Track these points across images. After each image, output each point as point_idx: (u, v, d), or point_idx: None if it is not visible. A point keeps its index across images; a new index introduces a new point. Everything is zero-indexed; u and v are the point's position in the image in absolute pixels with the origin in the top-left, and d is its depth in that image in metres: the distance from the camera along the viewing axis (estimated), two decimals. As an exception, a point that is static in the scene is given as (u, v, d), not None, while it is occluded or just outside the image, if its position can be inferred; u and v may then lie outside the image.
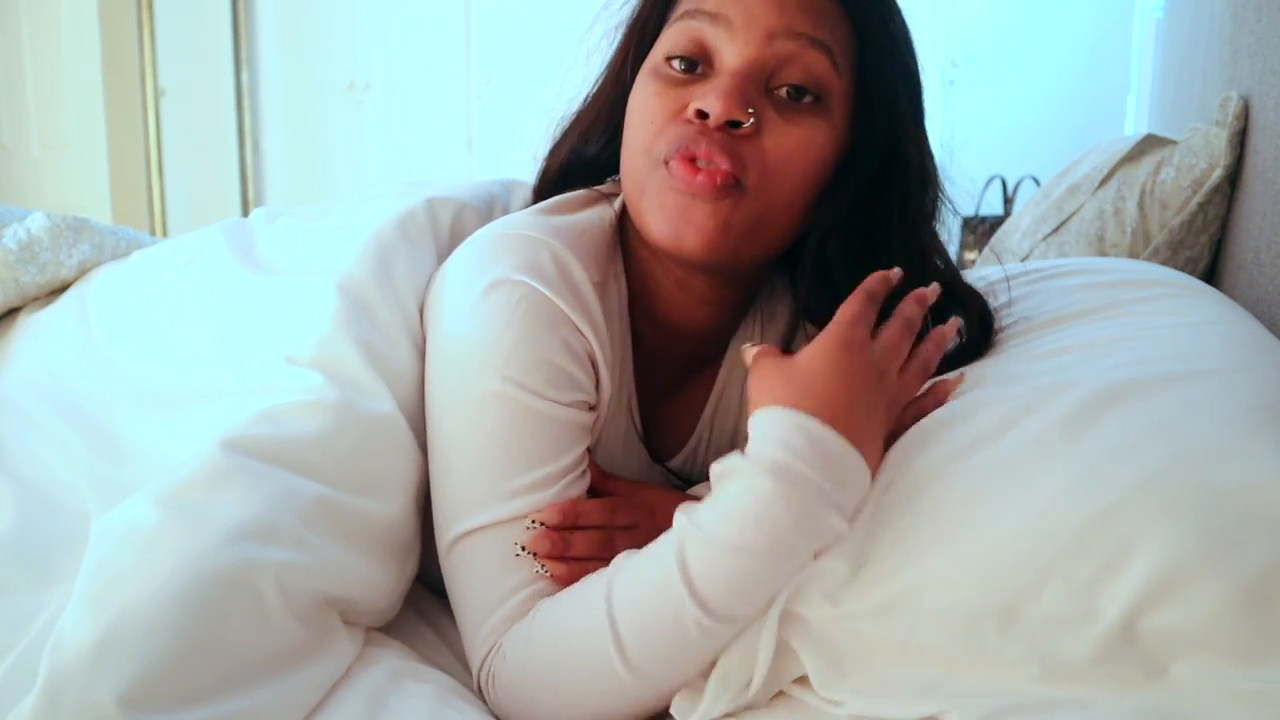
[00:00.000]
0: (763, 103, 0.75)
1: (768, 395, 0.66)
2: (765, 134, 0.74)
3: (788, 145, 0.75)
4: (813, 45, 0.74)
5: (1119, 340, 0.76)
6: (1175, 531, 0.58)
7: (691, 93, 0.75)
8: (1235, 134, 1.21)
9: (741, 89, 0.73)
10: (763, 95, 0.75)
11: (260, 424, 0.72)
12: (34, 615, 0.68)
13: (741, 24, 0.74)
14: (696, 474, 0.92)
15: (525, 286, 0.75)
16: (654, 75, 0.78)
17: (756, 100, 0.74)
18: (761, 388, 0.67)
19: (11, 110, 3.67)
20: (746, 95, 0.73)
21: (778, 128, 0.75)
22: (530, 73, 3.53)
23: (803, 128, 0.75)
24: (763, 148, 0.74)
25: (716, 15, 0.75)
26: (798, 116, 0.75)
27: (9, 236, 1.00)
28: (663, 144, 0.75)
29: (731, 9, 0.75)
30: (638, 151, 0.77)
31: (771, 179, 0.75)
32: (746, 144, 0.74)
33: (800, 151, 0.75)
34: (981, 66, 3.24)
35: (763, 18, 0.74)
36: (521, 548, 0.73)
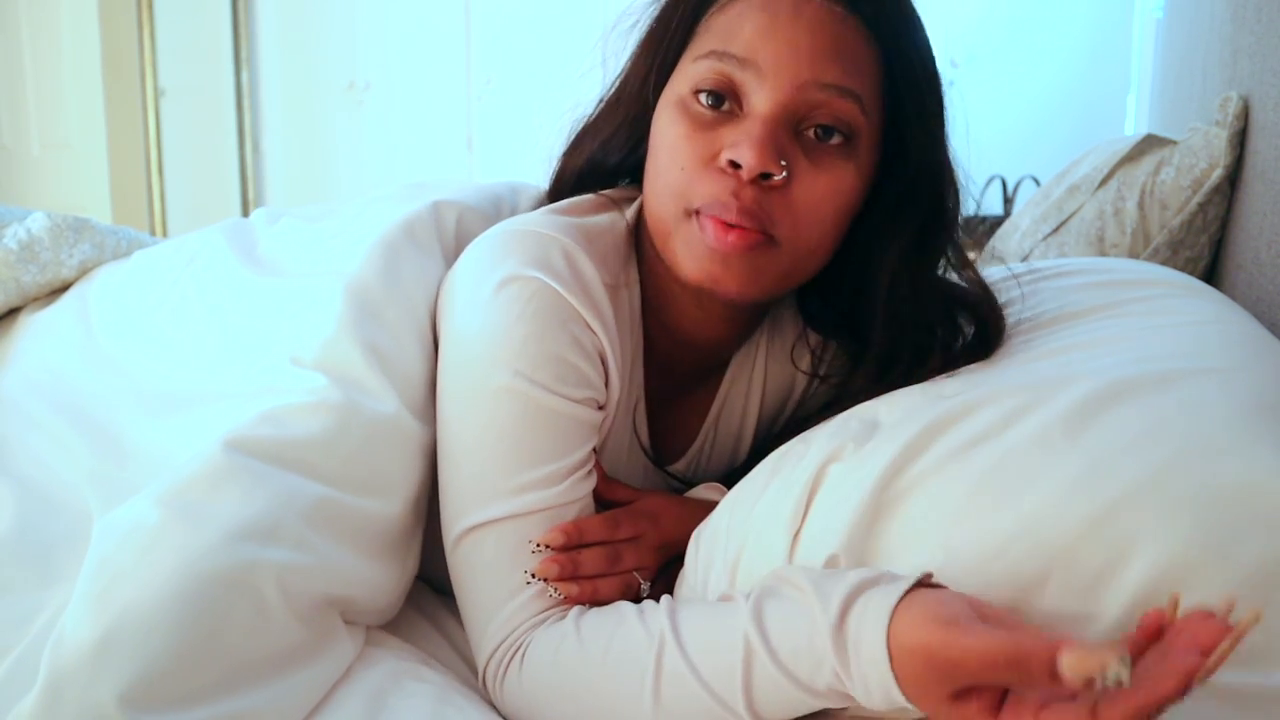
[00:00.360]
0: (793, 148, 0.74)
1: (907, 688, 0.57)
2: (795, 183, 0.74)
3: (817, 193, 0.74)
4: (842, 95, 0.73)
5: (1119, 339, 0.76)
6: (1175, 530, 0.58)
7: (721, 137, 0.74)
8: (1235, 134, 1.21)
9: (774, 138, 0.72)
10: (792, 138, 0.74)
11: (263, 425, 0.72)
12: (35, 614, 0.68)
13: (771, 70, 0.73)
14: (699, 477, 0.92)
15: (537, 282, 0.75)
16: (682, 111, 0.76)
17: (787, 146, 0.73)
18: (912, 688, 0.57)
19: (11, 110, 3.68)
20: (779, 145, 0.72)
21: (807, 175, 0.74)
22: (530, 73, 3.53)
23: (831, 174, 0.74)
24: (792, 198, 0.74)
25: (745, 61, 0.73)
26: (826, 161, 0.74)
27: (9, 236, 1.00)
28: (695, 196, 0.74)
29: (761, 55, 0.73)
30: (666, 194, 0.76)
31: (801, 229, 0.75)
32: (777, 195, 0.73)
33: (829, 199, 0.75)
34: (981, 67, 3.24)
35: (791, 66, 0.72)
36: (531, 575, 0.73)
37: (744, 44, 0.73)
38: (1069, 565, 0.60)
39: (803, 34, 0.72)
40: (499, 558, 0.74)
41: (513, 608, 0.73)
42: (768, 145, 0.72)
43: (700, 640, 0.65)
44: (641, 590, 0.77)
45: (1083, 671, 0.48)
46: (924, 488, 0.66)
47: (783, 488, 0.71)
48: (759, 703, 0.63)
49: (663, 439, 0.91)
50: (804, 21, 0.73)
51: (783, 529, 0.69)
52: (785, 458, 0.74)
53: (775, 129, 0.73)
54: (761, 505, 0.72)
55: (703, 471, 0.93)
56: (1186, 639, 0.49)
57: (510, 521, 0.74)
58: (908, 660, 0.56)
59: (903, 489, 0.66)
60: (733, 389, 0.91)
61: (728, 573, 0.71)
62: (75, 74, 3.59)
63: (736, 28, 0.74)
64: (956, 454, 0.66)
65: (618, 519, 0.78)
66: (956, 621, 0.54)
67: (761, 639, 0.62)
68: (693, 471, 0.93)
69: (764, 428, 0.93)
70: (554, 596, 0.74)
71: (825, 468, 0.70)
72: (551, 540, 0.74)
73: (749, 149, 0.71)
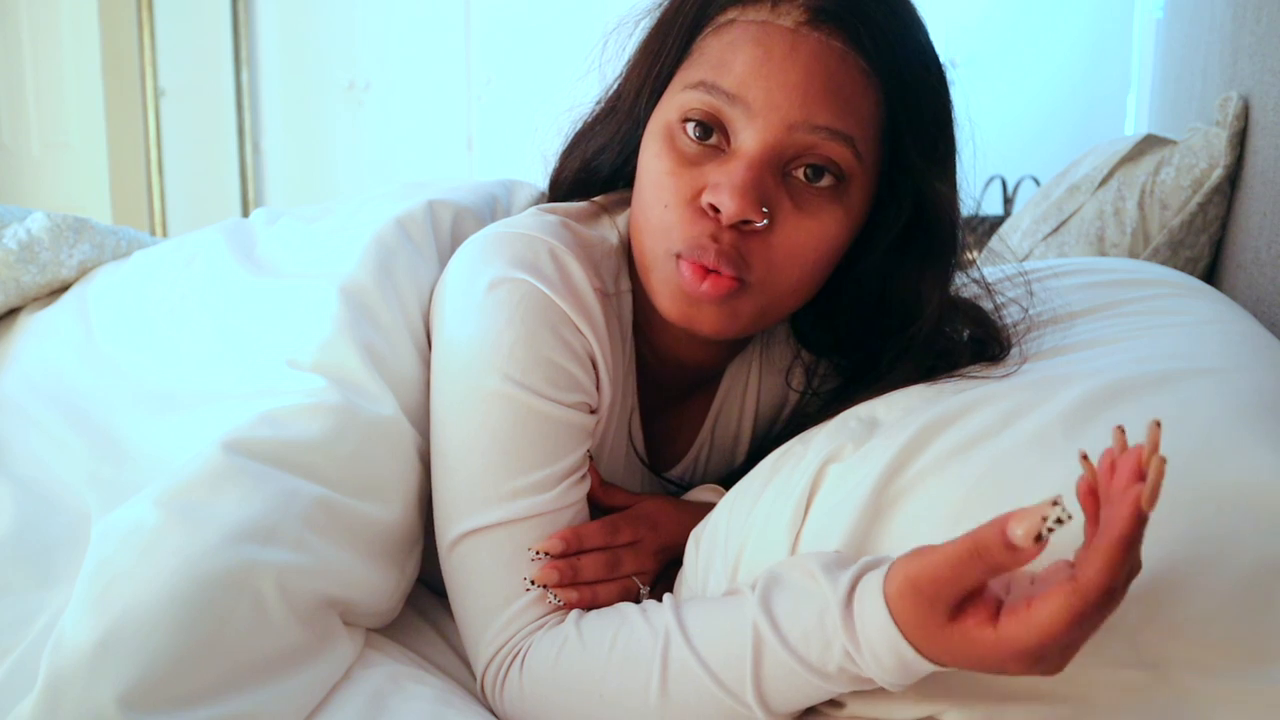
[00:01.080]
0: (779, 190, 0.71)
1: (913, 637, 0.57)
2: (777, 228, 0.72)
3: (798, 240, 0.72)
4: (834, 138, 0.70)
5: (1118, 339, 0.76)
6: (1174, 530, 0.58)
7: (705, 175, 0.72)
8: (1235, 134, 1.21)
9: (757, 184, 0.70)
10: (779, 181, 0.72)
11: (262, 426, 0.72)
12: (34, 616, 0.67)
13: (761, 109, 0.70)
14: (696, 483, 0.92)
15: (526, 285, 0.75)
16: (669, 142, 0.74)
17: (772, 189, 0.71)
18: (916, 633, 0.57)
19: (11, 110, 3.68)
20: (761, 190, 0.70)
21: (789, 221, 0.72)
22: (530, 73, 3.53)
23: (816, 219, 0.72)
24: (772, 243, 0.72)
25: (734, 97, 0.70)
26: (813, 205, 0.72)
27: (9, 236, 1.00)
28: (677, 237, 0.72)
29: (752, 92, 0.70)
30: (649, 232, 0.75)
31: (776, 274, 0.73)
32: (757, 240, 0.71)
33: (812, 244, 0.73)
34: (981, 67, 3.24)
35: (783, 106, 0.69)
36: (531, 582, 0.73)
37: (735, 79, 0.70)
38: (1069, 566, 0.59)
39: (796, 72, 0.69)
40: (494, 564, 0.73)
41: (510, 613, 0.73)
42: (749, 192, 0.69)
43: (707, 632, 0.65)
44: (641, 594, 0.77)
45: (1031, 530, 0.50)
46: (923, 487, 0.66)
47: (782, 488, 0.71)
48: (768, 691, 0.62)
49: (658, 445, 0.91)
50: (799, 58, 0.70)
51: (783, 529, 0.69)
52: (784, 458, 0.74)
53: (760, 172, 0.70)
54: (761, 505, 0.72)
55: (699, 476, 0.93)
56: (1122, 476, 0.51)
57: (504, 527, 0.73)
58: (900, 605, 0.56)
59: (902, 488, 0.66)
60: (728, 399, 0.91)
61: (728, 573, 0.71)
62: (75, 74, 3.59)
63: (729, 58, 0.71)
64: (956, 453, 0.66)
65: (616, 524, 0.78)
66: (925, 550, 0.56)
67: (771, 625, 0.62)
68: (690, 477, 0.93)
69: (760, 433, 0.93)
70: (553, 602, 0.74)
71: (825, 468, 0.70)
72: (550, 547, 0.74)
73: (730, 194, 0.69)
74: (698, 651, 0.64)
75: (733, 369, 0.90)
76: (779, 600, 0.63)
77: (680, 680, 0.65)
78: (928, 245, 0.77)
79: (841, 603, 0.59)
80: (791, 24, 0.70)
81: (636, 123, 0.79)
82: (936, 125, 0.75)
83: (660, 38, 0.77)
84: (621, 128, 0.81)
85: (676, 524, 0.81)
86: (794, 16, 0.70)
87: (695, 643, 0.65)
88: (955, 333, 0.79)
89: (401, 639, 0.80)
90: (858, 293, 0.80)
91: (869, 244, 0.78)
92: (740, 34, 0.72)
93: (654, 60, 0.77)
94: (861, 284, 0.80)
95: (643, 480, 0.90)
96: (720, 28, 0.73)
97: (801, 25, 0.70)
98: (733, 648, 0.63)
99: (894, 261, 0.78)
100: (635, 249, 0.78)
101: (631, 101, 0.79)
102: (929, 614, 0.55)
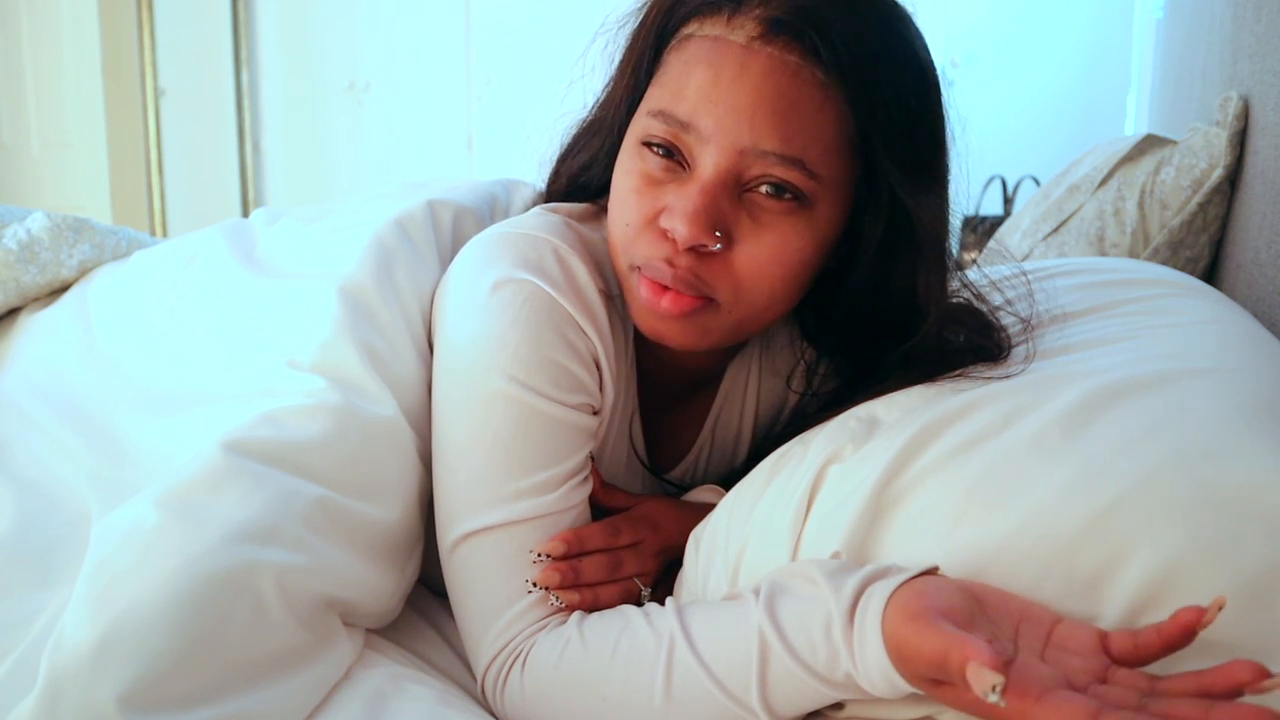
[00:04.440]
0: (736, 210, 0.71)
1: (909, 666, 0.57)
2: (738, 247, 0.71)
3: (761, 256, 0.71)
4: (781, 163, 0.69)
5: (1118, 339, 0.76)
6: (1173, 531, 0.58)
7: (665, 194, 0.72)
8: (1235, 134, 1.21)
9: (708, 209, 0.69)
10: (735, 200, 0.71)
11: (262, 426, 0.72)
12: (34, 616, 0.67)
13: (712, 134, 0.70)
14: (695, 484, 0.92)
15: (530, 285, 0.75)
16: (634, 160, 0.74)
17: (727, 211, 0.71)
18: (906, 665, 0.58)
19: (11, 110, 3.68)
20: (714, 215, 0.70)
21: (750, 237, 0.71)
22: (530, 73, 3.53)
23: (777, 233, 0.71)
24: (733, 263, 0.71)
25: (687, 125, 0.70)
26: (774, 219, 0.71)
27: (9, 236, 1.00)
28: (636, 254, 0.73)
29: (702, 120, 0.70)
30: (615, 243, 0.76)
31: (744, 292, 0.73)
32: (716, 261, 0.71)
33: (776, 259, 0.72)
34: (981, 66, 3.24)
35: (732, 131, 0.69)
36: (533, 584, 0.73)
37: (687, 107, 0.70)
38: (1067, 565, 0.60)
39: (744, 94, 0.68)
40: (495, 565, 0.73)
41: (511, 615, 0.73)
42: (700, 217, 0.69)
43: (711, 638, 0.65)
44: (643, 596, 0.77)
45: (976, 687, 0.49)
46: (923, 487, 0.65)
47: (783, 489, 0.71)
48: (773, 697, 0.63)
49: (658, 446, 0.91)
50: (749, 79, 0.68)
51: (784, 530, 0.69)
52: (785, 458, 0.74)
53: (713, 196, 0.70)
54: (762, 506, 0.72)
55: (699, 478, 0.93)
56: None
57: (506, 529, 0.73)
58: (893, 647, 0.57)
59: (902, 489, 0.66)
60: (728, 401, 0.91)
61: (728, 574, 0.71)
62: (75, 74, 3.59)
63: (684, 83, 0.71)
64: (955, 454, 0.66)
65: (618, 526, 0.78)
66: (923, 616, 0.56)
67: (776, 633, 0.62)
68: (689, 478, 0.93)
69: (760, 434, 0.93)
70: (555, 604, 0.74)
71: (826, 469, 0.70)
72: (552, 550, 0.74)
73: (682, 219, 0.69)
74: (702, 657, 0.65)
75: (732, 370, 0.90)
76: (784, 608, 0.63)
77: (684, 684, 0.65)
78: (913, 251, 0.76)
79: (844, 615, 0.59)
80: (744, 39, 0.69)
81: (619, 135, 0.79)
82: (913, 130, 0.73)
83: (631, 52, 0.78)
84: (606, 141, 0.82)
85: (677, 525, 0.81)
86: (747, 30, 0.69)
87: (699, 647, 0.65)
88: (955, 338, 0.79)
89: (401, 639, 0.80)
90: (854, 298, 0.80)
91: (856, 251, 0.78)
92: (694, 53, 0.71)
93: (628, 75, 0.78)
94: (857, 290, 0.80)
95: (642, 481, 0.90)
96: (681, 42, 0.73)
97: (754, 40, 0.69)
98: (737, 654, 0.63)
99: (883, 268, 0.77)
100: (613, 257, 0.78)
101: (613, 115, 0.80)
102: (916, 674, 0.56)
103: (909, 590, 0.58)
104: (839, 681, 0.61)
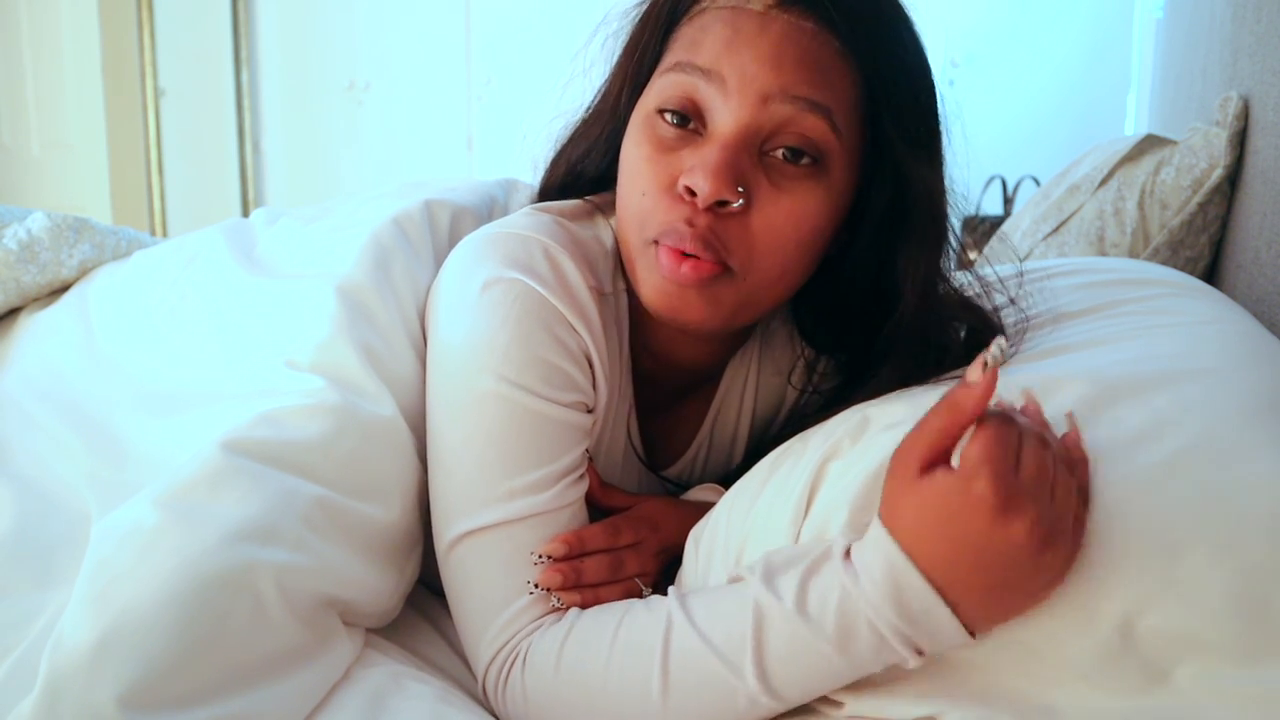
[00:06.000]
0: (755, 171, 0.71)
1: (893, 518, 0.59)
2: (755, 209, 0.71)
3: (778, 219, 0.71)
4: (811, 109, 0.70)
5: (1117, 339, 0.76)
6: (1174, 530, 0.58)
7: (682, 159, 0.72)
8: (1235, 134, 1.21)
9: (732, 164, 0.69)
10: (756, 161, 0.71)
11: (261, 426, 0.72)
12: (34, 616, 0.67)
13: (735, 84, 0.70)
14: (694, 482, 0.92)
15: (520, 284, 0.74)
16: (647, 130, 0.74)
17: (748, 170, 0.71)
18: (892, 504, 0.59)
19: (11, 110, 3.68)
20: (737, 171, 0.70)
21: (769, 200, 0.71)
22: (530, 73, 3.53)
23: (795, 197, 0.72)
24: (751, 225, 0.71)
25: (710, 72, 0.70)
26: (791, 184, 0.72)
27: (9, 236, 1.00)
28: (653, 224, 0.73)
29: (726, 66, 0.70)
30: (630, 222, 0.75)
31: (759, 258, 0.73)
32: (734, 223, 0.71)
33: (792, 224, 0.72)
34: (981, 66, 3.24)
35: (758, 78, 0.69)
36: (534, 586, 0.73)
37: (708, 55, 0.71)
38: (1068, 566, 0.59)
39: (769, 45, 0.70)
40: (492, 565, 0.73)
41: (509, 614, 0.73)
42: (724, 171, 0.69)
43: (710, 614, 0.65)
44: (644, 596, 0.77)
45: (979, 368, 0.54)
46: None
47: (782, 486, 0.71)
48: (771, 664, 0.62)
49: (656, 445, 0.91)
50: (771, 34, 0.70)
51: (784, 527, 0.68)
52: (784, 456, 0.74)
53: (736, 153, 0.70)
54: (761, 504, 0.72)
55: (698, 476, 0.93)
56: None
57: (502, 528, 0.73)
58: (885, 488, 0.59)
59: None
60: (726, 399, 0.91)
61: (728, 572, 0.71)
62: (75, 74, 3.59)
63: (701, 39, 0.72)
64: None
65: (618, 526, 0.78)
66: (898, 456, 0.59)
67: (774, 596, 0.62)
68: (688, 476, 0.93)
69: (758, 433, 0.93)
70: (555, 604, 0.73)
71: (825, 465, 0.70)
72: (553, 551, 0.73)
73: (704, 175, 0.69)
74: (700, 629, 0.64)
75: (731, 369, 0.90)
76: (780, 574, 0.63)
77: (683, 660, 0.65)
78: (913, 228, 0.76)
79: (840, 551, 0.61)
80: (761, 7, 0.71)
81: (620, 121, 0.79)
82: (916, 107, 0.75)
83: (639, 35, 0.78)
84: (606, 128, 0.82)
85: (677, 524, 0.81)
86: (764, 0, 0.71)
87: (698, 621, 0.65)
88: (951, 327, 0.79)
89: (401, 639, 0.80)
90: (852, 282, 0.80)
91: (857, 230, 0.78)
92: (711, 17, 0.73)
93: (633, 57, 0.78)
94: (855, 273, 0.80)
95: (640, 479, 0.90)
96: (693, 16, 0.74)
97: (771, 8, 0.71)
98: (735, 624, 0.63)
99: (883, 247, 0.78)
100: (620, 243, 0.78)
101: (614, 100, 0.80)
102: (902, 479, 0.58)
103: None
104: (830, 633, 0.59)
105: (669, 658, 0.65)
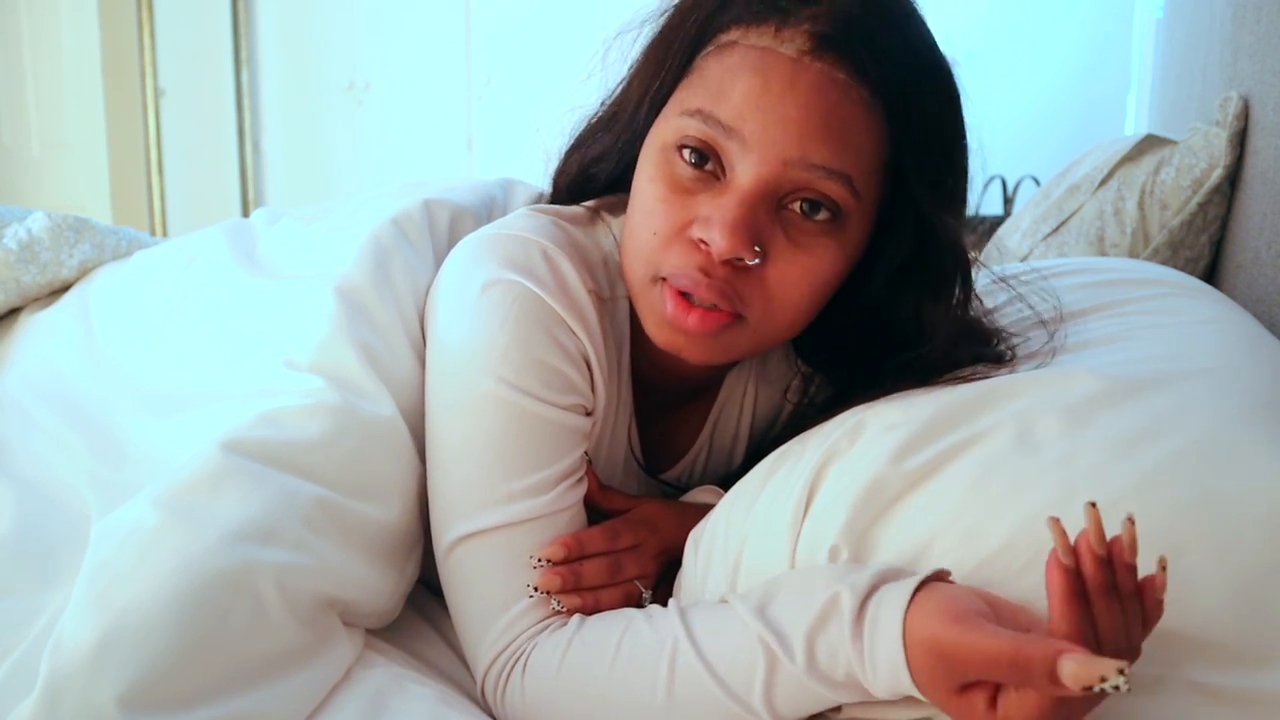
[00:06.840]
0: (773, 226, 0.70)
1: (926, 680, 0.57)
2: (771, 264, 0.70)
3: (793, 275, 0.70)
4: (830, 177, 0.68)
5: (1117, 339, 0.76)
6: (1173, 531, 0.58)
7: (698, 205, 0.70)
8: (1235, 134, 1.21)
9: (749, 221, 0.68)
10: (773, 215, 0.70)
11: (261, 426, 0.72)
12: (34, 616, 0.67)
13: (756, 144, 0.68)
14: (692, 484, 0.92)
15: (519, 286, 0.74)
16: (663, 165, 0.72)
17: (765, 225, 0.69)
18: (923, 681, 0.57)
19: (11, 110, 3.68)
20: (754, 229, 0.68)
21: (784, 257, 0.70)
22: (530, 73, 3.53)
23: (811, 254, 0.70)
24: (766, 280, 0.70)
25: (730, 130, 0.68)
26: (809, 240, 0.70)
27: (9, 236, 1.00)
28: (664, 264, 0.71)
29: (748, 126, 0.68)
30: (636, 257, 0.73)
31: (773, 310, 0.72)
32: (749, 277, 0.70)
33: (806, 280, 0.71)
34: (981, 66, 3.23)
35: (780, 141, 0.67)
36: (534, 589, 0.73)
37: (732, 110, 0.68)
38: (1068, 566, 0.59)
39: (794, 107, 0.67)
40: (492, 567, 0.73)
41: (509, 617, 0.73)
42: (741, 229, 0.67)
43: (716, 639, 0.65)
44: (644, 598, 0.77)
45: (1083, 680, 0.48)
46: (922, 486, 0.65)
47: (781, 488, 0.71)
48: (778, 700, 0.62)
49: (655, 448, 0.91)
50: (799, 92, 0.67)
51: (783, 529, 0.69)
52: (783, 458, 0.74)
53: (753, 208, 0.68)
54: (760, 506, 0.72)
55: (696, 479, 0.93)
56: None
57: (501, 531, 0.73)
58: (919, 652, 0.56)
59: (900, 488, 0.66)
60: (725, 408, 0.91)
61: (727, 574, 0.71)
62: (75, 74, 3.59)
63: (728, 87, 0.69)
64: (955, 452, 0.66)
65: (617, 529, 0.78)
66: (967, 618, 0.55)
67: (784, 653, 0.62)
68: (686, 479, 0.92)
69: (757, 438, 0.93)
70: (555, 608, 0.73)
71: (825, 468, 0.70)
72: (552, 554, 0.73)
73: (720, 232, 0.67)
74: (706, 659, 0.64)
75: (730, 381, 0.90)
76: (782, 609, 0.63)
77: (687, 686, 0.65)
78: (930, 276, 0.75)
79: (853, 614, 0.59)
80: (794, 52, 0.68)
81: (636, 134, 0.77)
82: (944, 158, 0.73)
83: (662, 51, 0.75)
84: (621, 138, 0.80)
85: (676, 526, 0.81)
86: (798, 44, 0.68)
87: (703, 649, 0.65)
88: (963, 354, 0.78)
89: (401, 639, 0.80)
90: (860, 318, 0.79)
91: (870, 272, 0.77)
92: (740, 60, 0.69)
93: (655, 73, 0.75)
94: (864, 310, 0.79)
95: (639, 482, 0.89)
96: (722, 48, 0.71)
97: (805, 54, 0.67)
98: (741, 656, 0.63)
99: (897, 290, 0.77)
100: (624, 269, 0.77)
101: (632, 113, 0.78)
102: (942, 679, 0.56)
103: (938, 594, 0.57)
104: (840, 682, 0.60)
105: (674, 681, 0.65)
